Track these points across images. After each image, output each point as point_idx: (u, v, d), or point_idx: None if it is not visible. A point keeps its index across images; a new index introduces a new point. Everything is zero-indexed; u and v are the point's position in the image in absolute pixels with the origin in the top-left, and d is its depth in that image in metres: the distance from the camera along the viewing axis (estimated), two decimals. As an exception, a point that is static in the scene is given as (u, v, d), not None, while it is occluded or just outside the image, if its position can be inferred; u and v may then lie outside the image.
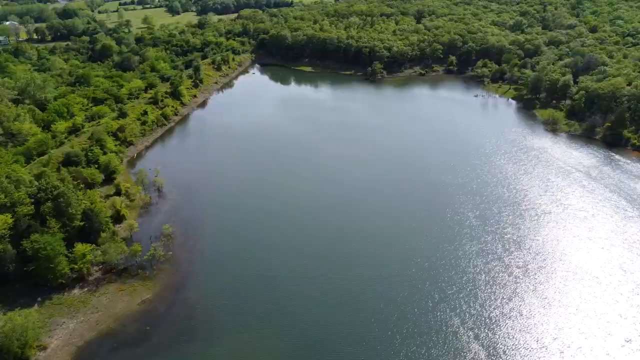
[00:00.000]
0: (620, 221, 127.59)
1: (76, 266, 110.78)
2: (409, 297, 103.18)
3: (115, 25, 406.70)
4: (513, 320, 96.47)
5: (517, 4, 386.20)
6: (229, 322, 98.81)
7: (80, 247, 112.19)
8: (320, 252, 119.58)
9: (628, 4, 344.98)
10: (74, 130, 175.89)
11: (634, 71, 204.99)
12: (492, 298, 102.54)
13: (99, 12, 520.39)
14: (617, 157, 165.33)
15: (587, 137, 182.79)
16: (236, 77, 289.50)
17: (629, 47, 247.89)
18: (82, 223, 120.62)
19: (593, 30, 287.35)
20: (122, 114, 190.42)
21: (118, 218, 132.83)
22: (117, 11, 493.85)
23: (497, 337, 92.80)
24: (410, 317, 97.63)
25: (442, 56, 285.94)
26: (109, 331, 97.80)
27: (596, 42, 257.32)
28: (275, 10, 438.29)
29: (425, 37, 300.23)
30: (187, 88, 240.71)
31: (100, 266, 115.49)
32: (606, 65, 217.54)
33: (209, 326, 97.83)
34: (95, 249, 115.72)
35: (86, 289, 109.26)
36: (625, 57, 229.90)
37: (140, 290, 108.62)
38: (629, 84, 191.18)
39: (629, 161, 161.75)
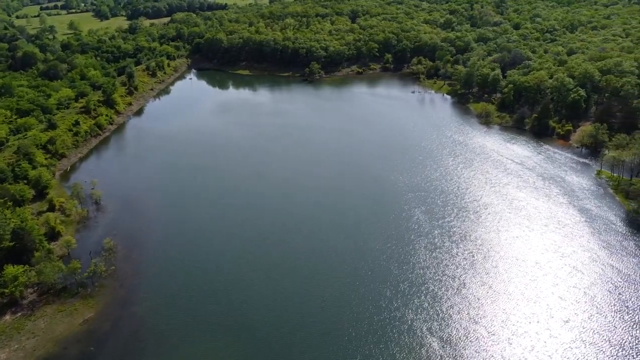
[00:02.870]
0: (553, 208, 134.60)
1: (7, 290, 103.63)
2: (363, 296, 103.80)
3: (37, 31, 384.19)
4: (463, 311, 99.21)
5: (447, 2, 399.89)
6: (180, 335, 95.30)
7: (10, 270, 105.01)
8: (268, 256, 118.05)
9: (544, 3, 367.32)
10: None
11: (554, 65, 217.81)
12: (443, 290, 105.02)
13: (17, 17, 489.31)
14: (545, 146, 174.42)
15: (517, 127, 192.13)
16: (172, 83, 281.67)
17: (548, 42, 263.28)
18: (12, 243, 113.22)
19: (516, 27, 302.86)
20: (52, 125, 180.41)
21: (53, 235, 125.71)
22: (38, 16, 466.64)
23: (449, 328, 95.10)
24: (366, 316, 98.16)
25: (378, 54, 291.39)
26: (47, 356, 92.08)
27: (520, 38, 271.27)
28: (209, 13, 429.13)
29: (361, 36, 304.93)
30: (121, 96, 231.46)
31: (36, 287, 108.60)
32: (530, 60, 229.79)
33: (159, 341, 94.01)
34: (29, 270, 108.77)
35: (20, 314, 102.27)
36: (545, 52, 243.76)
37: (81, 310, 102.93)
38: (551, 77, 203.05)
39: (556, 150, 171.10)
